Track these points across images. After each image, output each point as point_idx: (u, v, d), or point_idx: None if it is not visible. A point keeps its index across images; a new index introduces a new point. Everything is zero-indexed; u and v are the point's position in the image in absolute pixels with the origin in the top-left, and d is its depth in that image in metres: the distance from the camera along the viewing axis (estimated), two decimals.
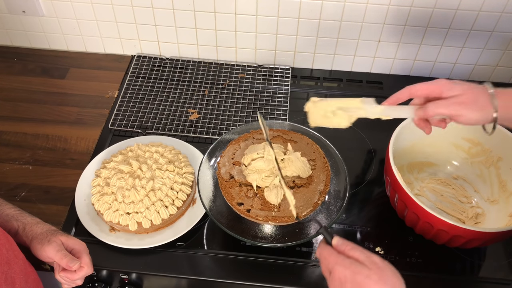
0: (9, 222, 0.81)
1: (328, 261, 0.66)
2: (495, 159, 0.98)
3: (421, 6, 1.13)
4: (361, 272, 0.62)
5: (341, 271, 0.63)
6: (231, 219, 0.87)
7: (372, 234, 0.96)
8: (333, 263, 0.65)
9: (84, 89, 1.24)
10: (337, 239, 0.68)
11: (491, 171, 0.99)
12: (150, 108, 1.19)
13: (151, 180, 0.93)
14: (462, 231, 0.80)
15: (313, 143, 0.94)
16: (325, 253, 0.67)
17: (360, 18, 1.17)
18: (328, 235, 0.69)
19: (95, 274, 0.91)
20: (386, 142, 0.92)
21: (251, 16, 1.19)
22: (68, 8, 1.23)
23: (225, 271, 0.90)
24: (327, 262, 0.66)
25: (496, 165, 0.98)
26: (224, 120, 1.16)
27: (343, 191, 0.89)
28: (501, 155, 0.97)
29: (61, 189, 1.01)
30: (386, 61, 1.27)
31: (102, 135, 1.13)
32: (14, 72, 1.28)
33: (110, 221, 0.90)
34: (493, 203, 0.98)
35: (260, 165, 0.85)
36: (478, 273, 0.92)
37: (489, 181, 1.00)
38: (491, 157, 0.99)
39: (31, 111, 1.18)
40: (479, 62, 1.25)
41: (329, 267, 0.65)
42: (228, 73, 1.28)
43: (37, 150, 1.09)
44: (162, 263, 0.90)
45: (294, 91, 1.25)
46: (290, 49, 1.27)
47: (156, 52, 1.33)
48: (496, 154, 0.97)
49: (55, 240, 0.78)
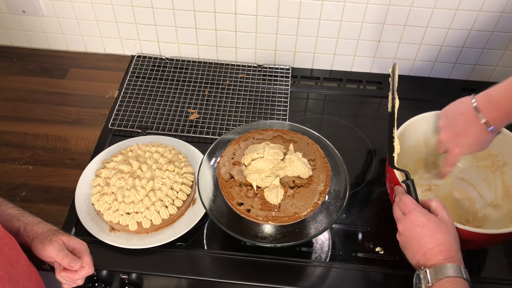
0: (10, 222, 0.81)
1: (406, 206, 0.77)
2: (500, 163, 0.97)
3: (421, 6, 1.13)
4: (435, 221, 0.74)
5: (417, 215, 0.75)
6: (231, 219, 0.87)
7: (372, 234, 0.96)
8: (412, 208, 0.76)
9: (84, 89, 1.24)
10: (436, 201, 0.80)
11: (496, 176, 0.98)
12: (150, 108, 1.19)
13: (151, 180, 0.93)
14: (462, 232, 0.80)
15: (313, 143, 0.94)
16: (406, 199, 0.79)
17: (360, 18, 1.17)
18: (414, 189, 0.81)
19: (95, 274, 0.91)
20: (386, 142, 0.92)
21: (251, 16, 1.19)
22: (68, 8, 1.23)
23: (225, 271, 0.90)
24: (404, 206, 0.78)
25: (502, 170, 0.97)
26: (224, 120, 1.16)
27: (343, 191, 0.89)
28: (507, 160, 0.96)
29: (61, 189, 1.01)
30: (386, 61, 1.27)
31: (102, 135, 1.13)
32: (14, 72, 1.28)
33: (110, 221, 0.90)
34: (496, 207, 0.97)
35: (260, 165, 0.85)
36: (478, 273, 0.92)
37: (494, 185, 0.99)
38: (496, 161, 0.98)
39: (31, 111, 1.18)
40: (479, 62, 1.25)
41: (406, 210, 0.77)
42: (228, 73, 1.28)
43: (37, 150, 1.09)
44: (162, 263, 0.90)
45: (294, 91, 1.25)
46: (290, 49, 1.27)
47: (156, 52, 1.33)
48: (502, 159, 0.97)
49: (56, 240, 0.79)
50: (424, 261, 0.72)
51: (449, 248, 0.71)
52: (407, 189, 0.81)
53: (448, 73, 1.29)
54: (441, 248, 0.71)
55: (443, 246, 0.71)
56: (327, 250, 0.94)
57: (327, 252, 0.94)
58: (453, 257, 0.71)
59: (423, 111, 0.97)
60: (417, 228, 0.74)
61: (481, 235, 0.79)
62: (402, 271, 0.90)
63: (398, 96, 0.88)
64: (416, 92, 1.26)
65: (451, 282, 0.68)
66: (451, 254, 0.71)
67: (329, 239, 0.96)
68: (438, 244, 0.72)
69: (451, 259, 0.70)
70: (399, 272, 0.90)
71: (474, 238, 0.80)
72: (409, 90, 1.26)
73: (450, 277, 0.68)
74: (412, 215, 0.75)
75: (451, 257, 0.71)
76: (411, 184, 0.81)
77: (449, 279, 0.68)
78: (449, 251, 0.71)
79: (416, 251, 0.74)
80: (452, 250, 0.71)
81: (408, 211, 0.76)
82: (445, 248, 0.71)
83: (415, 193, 0.80)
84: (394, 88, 0.88)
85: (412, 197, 0.80)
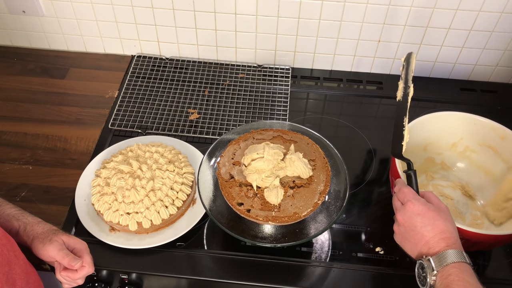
0: (10, 222, 0.81)
1: (405, 195, 0.77)
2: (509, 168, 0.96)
3: (421, 6, 1.13)
4: (434, 210, 0.74)
5: (416, 205, 0.75)
6: (231, 219, 0.87)
7: (372, 234, 0.96)
8: (411, 198, 0.76)
9: (84, 89, 1.24)
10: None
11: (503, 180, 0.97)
12: (150, 108, 1.19)
13: (151, 180, 0.93)
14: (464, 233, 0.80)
15: (313, 143, 0.94)
16: (405, 189, 0.78)
17: (360, 18, 1.17)
18: (416, 180, 0.80)
19: (95, 274, 0.91)
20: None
21: (251, 16, 1.19)
22: (68, 8, 1.23)
23: (225, 271, 0.90)
24: (403, 195, 0.78)
25: None
26: (224, 120, 1.16)
27: (343, 191, 0.89)
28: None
29: (61, 189, 1.01)
30: (386, 61, 1.27)
31: (102, 135, 1.13)
32: (14, 72, 1.28)
33: (110, 221, 0.90)
34: (501, 211, 0.96)
35: (260, 165, 0.85)
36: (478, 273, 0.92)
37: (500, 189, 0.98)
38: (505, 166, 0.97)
39: (31, 111, 1.18)
40: (479, 62, 1.25)
41: (404, 199, 0.77)
42: (228, 73, 1.28)
43: (37, 150, 1.09)
44: (162, 263, 0.90)
45: (294, 91, 1.25)
46: (290, 49, 1.27)
47: (156, 52, 1.33)
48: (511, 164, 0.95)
49: (57, 240, 0.79)
50: (426, 250, 0.72)
51: (450, 235, 0.72)
52: (408, 180, 0.81)
53: (448, 73, 1.29)
54: (442, 236, 0.72)
55: (444, 233, 0.72)
56: (327, 250, 0.94)
57: (327, 252, 0.94)
58: (454, 244, 0.71)
59: (423, 111, 0.97)
60: (417, 217, 0.74)
61: (491, 237, 0.79)
62: (402, 271, 0.90)
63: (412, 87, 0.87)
64: (416, 92, 1.25)
65: (456, 267, 0.68)
66: (452, 240, 0.71)
67: (329, 239, 0.96)
68: (440, 231, 0.72)
69: (453, 245, 0.71)
70: (399, 272, 0.90)
71: (483, 240, 0.80)
72: None
73: (455, 262, 0.69)
74: (411, 204, 0.75)
75: (453, 243, 0.71)
76: (413, 174, 0.80)
77: (455, 265, 0.68)
78: (450, 238, 0.71)
79: (417, 240, 0.73)
80: (453, 237, 0.72)
81: (407, 200, 0.76)
82: (447, 235, 0.72)
83: (416, 184, 0.80)
84: (409, 77, 0.87)
85: (412, 188, 0.79)
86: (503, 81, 1.29)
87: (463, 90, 1.27)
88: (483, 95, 1.26)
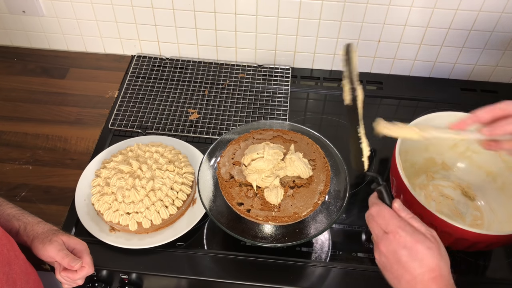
0: (10, 222, 0.81)
1: (388, 222, 0.65)
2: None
3: (421, 6, 1.13)
4: (424, 242, 0.62)
5: (403, 236, 0.63)
6: (231, 219, 0.87)
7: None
8: (395, 226, 0.64)
9: (84, 89, 1.24)
10: (399, 202, 0.67)
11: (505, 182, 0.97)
12: (150, 108, 1.19)
13: (151, 180, 0.93)
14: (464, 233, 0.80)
15: (313, 143, 0.94)
16: (385, 213, 0.66)
17: (360, 18, 1.17)
18: (388, 195, 0.68)
19: (95, 274, 0.91)
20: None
21: (251, 16, 1.19)
22: (68, 8, 1.23)
23: (225, 271, 0.90)
24: (385, 222, 0.66)
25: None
26: (224, 120, 1.16)
27: (343, 191, 0.89)
28: None
29: (61, 189, 1.01)
30: (386, 61, 1.27)
31: (102, 135, 1.13)
32: (14, 72, 1.28)
33: (110, 221, 0.90)
34: (502, 213, 0.96)
35: (260, 165, 0.85)
36: (478, 273, 0.92)
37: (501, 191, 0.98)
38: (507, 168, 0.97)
39: (31, 111, 1.18)
40: (479, 62, 1.25)
41: (387, 228, 0.65)
42: (228, 73, 1.28)
43: (37, 150, 1.09)
44: (162, 263, 0.90)
45: (294, 91, 1.25)
46: (290, 49, 1.27)
47: (156, 52, 1.33)
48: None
49: (57, 240, 0.79)
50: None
51: (441, 273, 0.62)
52: (380, 196, 0.70)
53: (448, 73, 1.29)
54: (432, 275, 0.61)
55: (433, 272, 0.61)
56: (327, 250, 0.94)
57: (327, 252, 0.94)
58: (446, 286, 0.62)
59: (423, 111, 0.97)
60: (402, 251, 0.63)
61: (491, 237, 0.79)
62: None
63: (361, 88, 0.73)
64: (416, 92, 1.26)
65: None
66: (444, 281, 0.62)
67: (329, 239, 0.96)
68: (429, 269, 0.61)
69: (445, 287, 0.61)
70: None
71: (477, 239, 0.80)
72: (409, 90, 1.26)
73: None
74: (397, 235, 0.64)
75: (445, 285, 0.61)
76: (383, 189, 0.69)
77: None
78: (441, 277, 0.61)
79: (400, 275, 0.63)
80: (444, 275, 0.62)
81: (390, 229, 0.65)
82: (437, 274, 0.61)
83: (388, 199, 0.69)
84: (353, 76, 0.72)
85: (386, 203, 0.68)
86: (503, 81, 1.29)
87: (463, 90, 1.27)
88: (483, 95, 1.26)
